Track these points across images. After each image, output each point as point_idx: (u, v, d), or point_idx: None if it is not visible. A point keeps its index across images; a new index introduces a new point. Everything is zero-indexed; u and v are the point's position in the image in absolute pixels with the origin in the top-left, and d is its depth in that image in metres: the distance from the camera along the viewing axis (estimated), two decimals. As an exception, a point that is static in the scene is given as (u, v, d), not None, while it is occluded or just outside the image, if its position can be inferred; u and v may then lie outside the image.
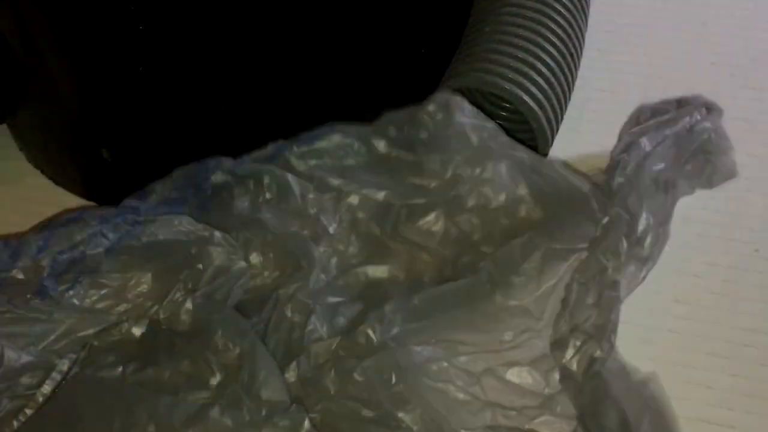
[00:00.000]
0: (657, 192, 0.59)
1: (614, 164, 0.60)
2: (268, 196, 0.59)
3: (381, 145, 0.61)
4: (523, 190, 0.59)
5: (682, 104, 0.67)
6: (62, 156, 0.68)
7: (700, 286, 0.61)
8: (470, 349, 0.54)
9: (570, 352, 0.52)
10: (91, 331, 0.54)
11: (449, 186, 0.60)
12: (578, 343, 0.53)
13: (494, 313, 0.55)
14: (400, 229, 0.59)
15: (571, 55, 0.65)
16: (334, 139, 0.61)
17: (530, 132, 0.63)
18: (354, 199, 0.60)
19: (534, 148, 0.64)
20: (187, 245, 0.56)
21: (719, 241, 0.64)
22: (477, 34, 0.65)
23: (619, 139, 0.65)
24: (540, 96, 0.62)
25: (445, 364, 0.53)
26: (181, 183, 0.60)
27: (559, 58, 0.63)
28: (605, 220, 0.56)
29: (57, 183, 0.70)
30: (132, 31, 0.56)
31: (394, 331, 0.54)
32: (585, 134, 0.70)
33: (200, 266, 0.55)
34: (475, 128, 0.60)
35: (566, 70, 0.64)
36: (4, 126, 0.71)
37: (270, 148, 0.61)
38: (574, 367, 0.52)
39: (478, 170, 0.60)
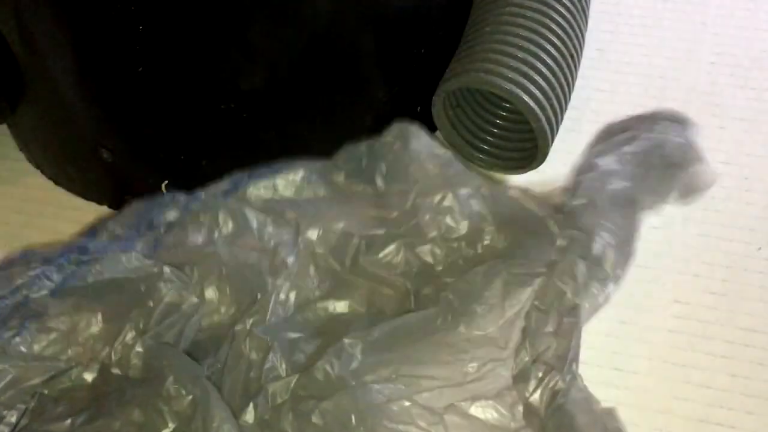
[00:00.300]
0: (617, 210, 0.57)
1: (572, 185, 0.59)
2: (224, 230, 0.57)
3: (339, 178, 0.60)
4: (483, 218, 0.58)
5: (649, 120, 0.66)
6: (62, 156, 0.68)
7: (700, 286, 0.61)
8: (433, 383, 0.52)
9: (532, 385, 0.51)
10: (39, 380, 0.51)
11: (409, 216, 0.58)
12: (540, 375, 0.51)
13: (457, 343, 0.53)
14: (360, 261, 0.58)
15: (571, 55, 0.65)
16: (292, 173, 0.60)
17: (530, 132, 0.63)
18: (312, 233, 0.58)
19: (534, 147, 0.64)
20: (136, 282, 0.54)
21: (719, 241, 0.64)
22: (477, 34, 0.65)
23: (581, 159, 0.64)
24: (540, 96, 0.62)
25: (407, 403, 0.51)
26: (134, 220, 0.58)
27: (559, 58, 0.63)
28: (560, 242, 0.55)
29: (57, 183, 0.70)
30: (132, 31, 0.56)
31: (354, 365, 0.52)
32: (585, 134, 0.70)
33: (151, 303, 0.53)
34: (431, 157, 0.59)
35: (566, 70, 0.64)
36: (4, 126, 0.71)
37: (225, 183, 0.59)
38: (537, 401, 0.51)
39: (437, 199, 0.58)
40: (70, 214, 0.68)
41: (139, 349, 0.52)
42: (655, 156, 0.60)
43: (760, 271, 0.62)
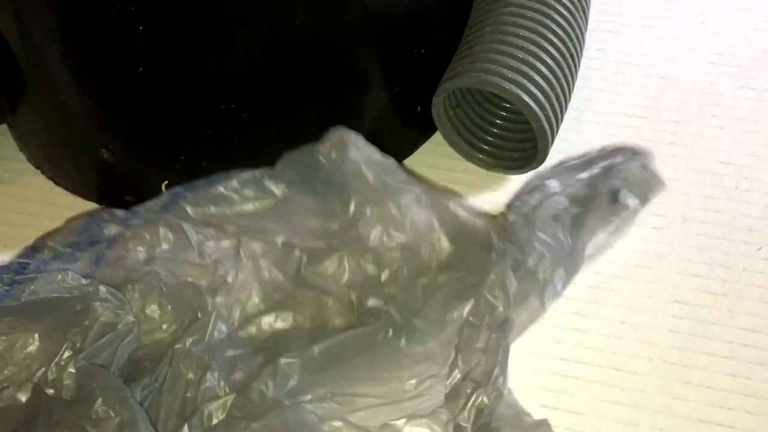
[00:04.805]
0: (556, 225, 0.56)
1: (512, 203, 0.58)
2: (164, 246, 0.56)
3: (279, 189, 0.59)
4: (425, 227, 0.57)
5: (605, 150, 0.66)
6: (62, 156, 0.68)
7: (700, 286, 0.61)
8: (369, 402, 0.51)
9: (461, 403, 0.50)
10: None
11: (350, 226, 0.57)
12: (468, 392, 0.50)
13: (397, 360, 0.52)
14: (303, 274, 0.57)
15: (571, 55, 0.65)
16: (231, 186, 0.59)
17: (530, 132, 0.63)
18: (255, 246, 0.57)
19: (534, 147, 0.64)
20: (72, 302, 0.53)
21: (719, 241, 0.64)
22: (477, 34, 0.65)
23: (528, 180, 0.64)
24: (540, 96, 0.62)
25: (339, 423, 0.50)
26: (74, 237, 0.58)
27: (559, 58, 0.63)
28: (493, 256, 0.54)
29: (57, 183, 0.70)
30: (132, 31, 0.56)
31: (290, 385, 0.51)
32: (585, 134, 0.70)
33: (87, 323, 0.52)
34: (371, 164, 0.58)
35: (566, 70, 0.64)
36: (4, 126, 0.71)
37: (164, 197, 0.59)
38: (464, 419, 0.49)
39: (377, 208, 0.57)
40: (70, 214, 0.67)
41: (71, 370, 0.51)
42: (607, 182, 0.59)
43: (760, 271, 0.62)
